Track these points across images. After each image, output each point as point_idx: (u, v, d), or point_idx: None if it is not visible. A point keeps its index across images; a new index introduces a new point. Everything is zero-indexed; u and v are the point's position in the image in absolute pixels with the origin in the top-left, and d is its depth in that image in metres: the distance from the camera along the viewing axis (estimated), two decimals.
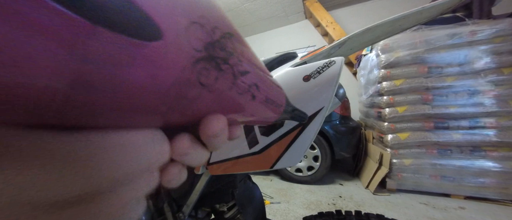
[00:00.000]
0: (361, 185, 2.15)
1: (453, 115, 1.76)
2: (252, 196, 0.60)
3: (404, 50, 1.84)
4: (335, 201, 1.84)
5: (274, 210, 1.72)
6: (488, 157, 1.67)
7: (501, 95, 1.63)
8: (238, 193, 0.55)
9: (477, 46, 1.67)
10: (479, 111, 1.69)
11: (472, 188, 1.71)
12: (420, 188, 1.87)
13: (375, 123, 2.22)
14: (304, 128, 0.32)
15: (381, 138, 2.04)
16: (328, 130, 2.11)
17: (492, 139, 1.65)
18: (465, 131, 1.73)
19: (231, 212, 0.59)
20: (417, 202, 1.76)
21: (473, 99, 1.70)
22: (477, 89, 1.69)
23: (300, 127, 0.33)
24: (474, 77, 1.69)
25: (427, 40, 1.77)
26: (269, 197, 1.95)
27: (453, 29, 1.72)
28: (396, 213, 1.60)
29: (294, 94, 0.34)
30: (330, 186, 2.16)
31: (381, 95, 2.01)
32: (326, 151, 2.13)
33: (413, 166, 1.84)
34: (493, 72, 1.64)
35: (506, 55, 1.61)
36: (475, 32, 1.65)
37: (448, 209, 1.63)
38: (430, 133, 1.81)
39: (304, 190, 2.08)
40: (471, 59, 1.68)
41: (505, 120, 1.64)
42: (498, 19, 1.67)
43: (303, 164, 2.23)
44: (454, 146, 1.76)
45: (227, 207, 0.59)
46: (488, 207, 1.64)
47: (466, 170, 1.71)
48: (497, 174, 1.64)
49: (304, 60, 0.39)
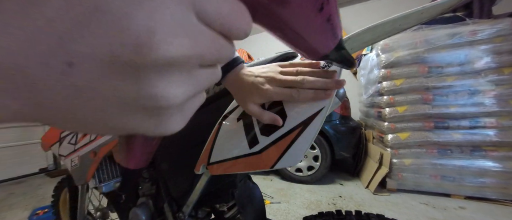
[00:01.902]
0: (361, 185, 2.15)
1: (454, 115, 1.76)
2: (252, 196, 0.60)
3: (405, 50, 1.84)
4: (335, 201, 1.84)
5: (274, 210, 1.72)
6: (488, 157, 1.67)
7: (501, 94, 1.63)
8: (238, 193, 0.55)
9: (477, 45, 1.66)
10: (480, 111, 1.69)
11: (472, 188, 1.71)
12: (420, 188, 1.87)
13: (375, 123, 2.22)
14: (305, 128, 0.32)
15: (381, 138, 2.04)
16: (328, 130, 2.11)
17: (493, 139, 1.65)
18: (465, 131, 1.73)
19: (231, 212, 0.59)
20: (417, 202, 1.76)
21: (474, 99, 1.70)
22: (477, 89, 1.69)
23: (301, 127, 0.32)
24: (475, 76, 1.69)
25: (427, 39, 1.77)
26: (269, 197, 1.95)
27: (453, 29, 1.71)
28: (396, 213, 1.60)
29: None
30: (330, 186, 2.16)
31: (381, 95, 2.00)
32: (326, 151, 2.13)
33: (413, 166, 1.84)
34: (494, 71, 1.64)
35: (506, 54, 1.61)
36: (476, 32, 1.65)
37: (448, 209, 1.63)
38: (430, 133, 1.81)
39: (304, 190, 2.08)
40: (472, 58, 1.68)
41: (506, 120, 1.64)
42: (498, 18, 1.67)
43: (303, 164, 2.23)
44: (454, 146, 1.76)
45: (227, 207, 0.59)
46: (488, 207, 1.64)
47: (466, 170, 1.71)
48: (497, 174, 1.64)
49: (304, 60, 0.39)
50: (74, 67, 0.09)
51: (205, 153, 0.44)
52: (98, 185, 0.69)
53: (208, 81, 0.13)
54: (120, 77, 0.09)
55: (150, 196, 0.65)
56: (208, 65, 0.13)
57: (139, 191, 0.71)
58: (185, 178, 0.55)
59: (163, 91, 0.10)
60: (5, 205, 2.19)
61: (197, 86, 0.12)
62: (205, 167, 0.44)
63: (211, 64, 0.13)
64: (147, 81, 0.10)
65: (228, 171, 0.40)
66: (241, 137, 0.38)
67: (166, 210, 0.58)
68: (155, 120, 0.12)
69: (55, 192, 1.17)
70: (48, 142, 0.86)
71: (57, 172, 3.22)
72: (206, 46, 0.11)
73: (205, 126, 0.45)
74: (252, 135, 0.37)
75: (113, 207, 0.84)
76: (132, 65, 0.09)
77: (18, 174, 3.07)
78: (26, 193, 2.53)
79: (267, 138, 0.35)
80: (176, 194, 0.57)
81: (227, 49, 0.13)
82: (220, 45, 0.12)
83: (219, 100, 0.47)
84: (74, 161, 0.70)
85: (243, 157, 0.37)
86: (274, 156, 0.34)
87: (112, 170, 0.73)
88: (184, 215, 0.54)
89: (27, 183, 2.90)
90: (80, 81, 0.09)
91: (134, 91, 0.10)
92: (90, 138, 0.66)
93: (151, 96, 0.10)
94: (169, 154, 0.56)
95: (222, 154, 0.41)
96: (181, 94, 0.11)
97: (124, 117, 0.11)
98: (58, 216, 1.18)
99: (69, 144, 0.72)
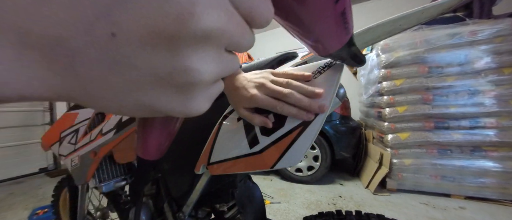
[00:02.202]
0: (361, 185, 2.15)
1: (454, 115, 1.76)
2: (252, 196, 0.60)
3: (405, 50, 1.84)
4: (335, 201, 1.84)
5: (274, 210, 1.72)
6: (488, 157, 1.67)
7: (501, 95, 1.63)
8: (238, 193, 0.55)
9: (477, 46, 1.66)
10: (480, 111, 1.69)
11: (472, 188, 1.71)
12: (420, 188, 1.87)
13: (375, 123, 2.22)
14: (305, 128, 0.32)
15: (381, 138, 2.04)
16: (328, 130, 2.11)
17: (493, 139, 1.65)
18: (465, 131, 1.73)
19: (231, 212, 0.59)
20: (417, 202, 1.76)
21: (474, 99, 1.70)
22: (477, 89, 1.69)
23: (301, 127, 0.32)
24: (475, 77, 1.69)
25: (427, 40, 1.77)
26: (269, 197, 1.95)
27: (453, 29, 1.71)
28: (396, 213, 1.60)
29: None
30: (330, 186, 2.16)
31: (381, 95, 2.00)
32: (326, 151, 2.13)
33: (413, 166, 1.84)
34: (494, 72, 1.64)
35: (506, 55, 1.61)
36: (476, 32, 1.65)
37: (448, 209, 1.63)
38: (430, 133, 1.81)
39: (304, 190, 2.08)
40: (472, 59, 1.68)
41: (506, 120, 1.64)
42: (498, 19, 1.67)
43: (303, 164, 2.23)
44: (454, 146, 1.76)
45: (227, 207, 0.59)
46: (488, 207, 1.63)
47: (466, 170, 1.71)
48: (497, 174, 1.64)
49: (305, 60, 0.39)
50: (116, 38, 0.09)
51: (205, 153, 0.44)
52: (98, 185, 0.69)
53: (229, 67, 0.13)
54: (158, 49, 0.10)
55: (150, 196, 0.65)
56: (230, 51, 0.13)
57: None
58: (185, 178, 0.55)
59: (197, 64, 0.11)
60: (5, 205, 2.19)
61: (223, 68, 0.13)
62: (205, 167, 0.44)
63: (233, 50, 0.13)
64: (183, 55, 0.10)
65: (228, 171, 0.40)
66: (241, 137, 0.38)
67: (166, 210, 0.58)
68: (183, 97, 0.12)
69: (55, 192, 1.17)
70: (48, 142, 0.86)
71: (57, 172, 3.22)
72: (235, 26, 0.11)
73: (205, 126, 0.45)
74: (253, 135, 0.37)
75: (113, 207, 0.84)
76: (173, 36, 0.09)
77: (18, 174, 3.06)
78: (26, 193, 2.52)
79: (268, 138, 0.35)
80: (176, 194, 0.57)
81: (249, 36, 0.13)
82: (245, 30, 0.12)
83: (219, 100, 0.47)
84: (74, 161, 0.70)
85: (243, 157, 0.37)
86: (274, 156, 0.34)
87: (112, 170, 0.73)
88: (184, 215, 0.54)
89: (27, 183, 2.90)
90: (121, 52, 0.09)
91: (170, 65, 0.10)
92: (90, 138, 0.66)
93: (186, 69, 0.11)
94: (169, 154, 0.56)
95: (222, 154, 0.41)
96: (211, 71, 0.12)
97: (156, 93, 0.11)
98: (58, 216, 1.18)
99: (69, 144, 0.72)
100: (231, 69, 0.14)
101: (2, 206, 2.17)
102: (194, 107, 0.13)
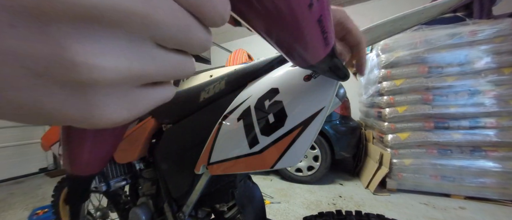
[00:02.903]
0: (361, 185, 2.15)
1: (454, 115, 1.76)
2: (252, 196, 0.60)
3: (404, 50, 1.84)
4: (335, 201, 1.84)
5: (274, 210, 1.72)
6: (488, 157, 1.67)
7: (501, 95, 1.63)
8: (238, 193, 0.55)
9: (477, 46, 1.66)
10: (480, 111, 1.69)
11: (472, 188, 1.71)
12: (420, 188, 1.87)
13: (375, 123, 2.22)
14: (305, 128, 0.32)
15: (381, 138, 2.04)
16: (328, 130, 2.11)
17: (493, 139, 1.65)
18: (465, 131, 1.73)
19: (231, 212, 0.59)
20: (417, 202, 1.76)
21: (474, 99, 1.70)
22: (477, 89, 1.68)
23: (301, 127, 0.32)
24: (475, 77, 1.69)
25: (427, 40, 1.77)
26: (269, 197, 1.95)
27: (453, 29, 1.71)
28: (396, 213, 1.59)
29: (294, 94, 0.34)
30: (330, 186, 2.16)
31: (381, 95, 2.00)
32: (326, 151, 2.13)
33: (413, 166, 1.84)
34: (494, 72, 1.64)
35: (506, 55, 1.61)
36: (476, 32, 1.65)
37: (448, 209, 1.63)
38: (430, 133, 1.81)
39: (304, 190, 2.08)
40: (472, 59, 1.68)
41: (506, 120, 1.64)
42: (498, 19, 1.67)
43: (303, 164, 2.23)
44: (454, 146, 1.76)
45: (227, 207, 0.59)
46: (488, 207, 1.63)
47: (466, 170, 1.71)
48: (497, 174, 1.64)
49: None
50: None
51: (205, 153, 0.44)
52: (98, 185, 0.69)
53: (172, 67, 0.11)
54: (26, 29, 0.07)
55: (150, 196, 0.65)
56: (176, 50, 0.11)
57: (139, 191, 0.71)
58: (185, 178, 0.55)
59: (86, 57, 0.08)
60: (5, 205, 2.19)
61: (159, 67, 0.10)
62: (205, 167, 0.44)
63: (179, 48, 0.11)
64: (62, 39, 0.07)
65: (228, 171, 0.40)
66: (241, 137, 0.38)
67: (166, 210, 0.58)
68: (80, 101, 0.09)
69: (55, 192, 1.17)
70: (48, 142, 0.86)
71: (57, 172, 3.22)
72: (169, 17, 0.09)
73: (205, 126, 0.45)
74: (252, 135, 0.37)
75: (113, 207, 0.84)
76: (41, 7, 0.07)
77: (18, 174, 3.07)
78: (26, 193, 2.52)
79: (267, 138, 0.35)
80: (176, 194, 0.57)
81: (200, 33, 0.11)
82: (192, 26, 0.10)
83: (219, 100, 0.47)
84: None
85: (243, 157, 0.37)
86: (274, 156, 0.34)
87: (112, 170, 0.73)
88: (184, 215, 0.54)
89: (27, 183, 2.90)
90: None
91: (44, 53, 0.07)
92: None
93: (67, 62, 0.08)
94: (169, 154, 0.56)
95: (222, 154, 0.41)
96: (118, 68, 0.09)
97: (36, 92, 0.08)
98: (58, 216, 1.18)
99: None
100: (181, 71, 0.11)
101: (2, 206, 2.17)
102: (103, 115, 0.09)
